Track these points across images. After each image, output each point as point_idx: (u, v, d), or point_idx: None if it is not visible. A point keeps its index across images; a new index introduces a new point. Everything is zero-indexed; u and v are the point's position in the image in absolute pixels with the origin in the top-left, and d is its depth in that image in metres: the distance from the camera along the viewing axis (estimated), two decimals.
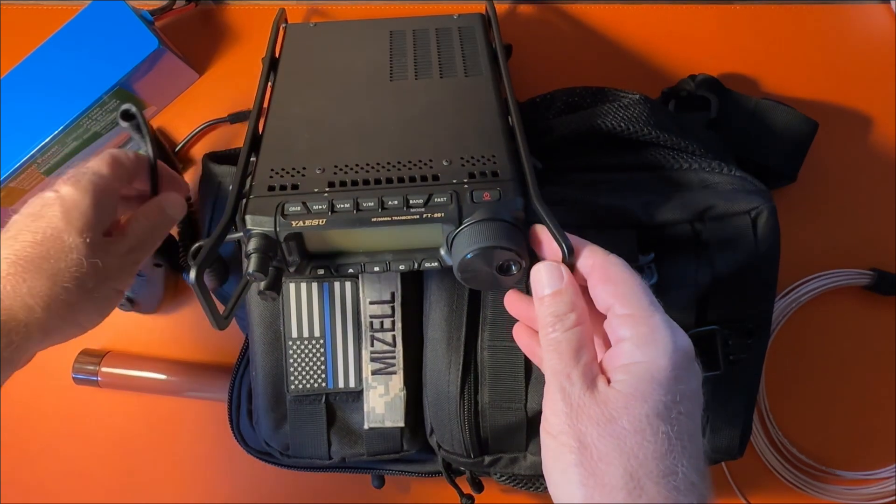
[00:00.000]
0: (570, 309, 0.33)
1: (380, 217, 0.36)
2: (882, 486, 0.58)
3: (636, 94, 0.49)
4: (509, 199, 0.36)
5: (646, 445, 0.30)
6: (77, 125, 0.55)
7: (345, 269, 0.39)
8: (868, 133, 0.60)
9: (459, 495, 0.50)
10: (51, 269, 0.38)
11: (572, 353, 0.32)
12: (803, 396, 0.59)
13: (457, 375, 0.45)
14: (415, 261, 0.39)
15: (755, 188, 0.46)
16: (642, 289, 0.33)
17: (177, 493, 0.59)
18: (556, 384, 0.32)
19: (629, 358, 0.31)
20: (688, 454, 0.30)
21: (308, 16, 0.62)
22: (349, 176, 0.38)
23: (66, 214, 0.39)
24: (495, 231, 0.35)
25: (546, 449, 0.33)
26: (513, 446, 0.47)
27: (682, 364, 0.31)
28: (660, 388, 0.30)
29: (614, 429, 0.30)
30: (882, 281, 0.57)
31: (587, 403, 0.31)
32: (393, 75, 0.47)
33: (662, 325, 0.32)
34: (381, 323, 0.46)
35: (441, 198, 0.36)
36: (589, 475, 0.30)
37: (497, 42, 0.49)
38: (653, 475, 0.29)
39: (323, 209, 0.36)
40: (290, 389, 0.46)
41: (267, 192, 0.37)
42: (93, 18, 0.55)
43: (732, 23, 0.61)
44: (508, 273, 0.36)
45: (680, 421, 0.31)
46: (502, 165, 0.38)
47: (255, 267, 0.35)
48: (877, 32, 0.61)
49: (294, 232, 0.36)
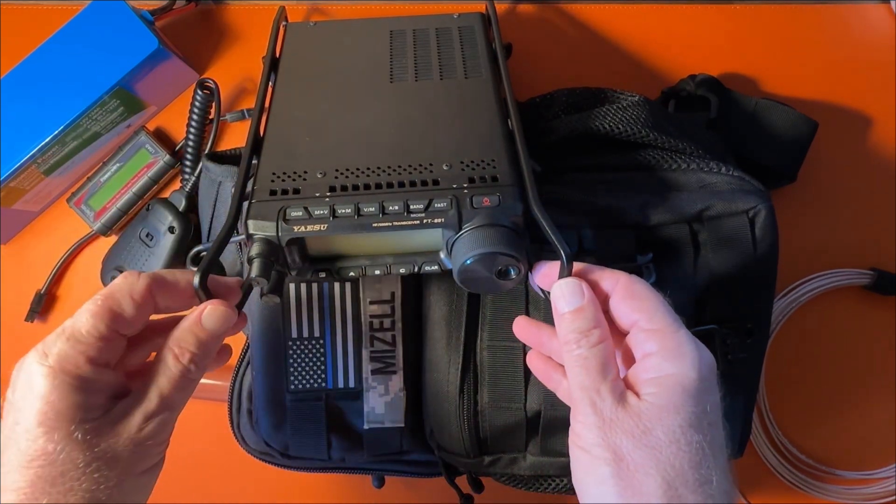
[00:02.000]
0: (594, 325, 0.33)
1: (381, 223, 0.36)
2: (882, 486, 0.57)
3: (636, 96, 0.49)
4: (508, 204, 0.36)
5: (681, 455, 0.30)
6: (77, 125, 0.55)
7: (346, 272, 0.39)
8: (868, 133, 0.60)
9: (459, 495, 0.50)
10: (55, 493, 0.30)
11: (599, 368, 0.32)
12: (803, 396, 0.59)
13: (456, 375, 0.45)
14: (415, 264, 0.39)
15: (753, 188, 0.46)
16: (666, 306, 0.34)
17: (177, 494, 0.59)
18: (586, 399, 0.32)
19: (658, 371, 0.32)
20: (719, 463, 0.31)
21: (308, 14, 0.62)
22: (350, 180, 0.38)
23: (40, 414, 0.31)
24: (495, 237, 0.35)
25: (578, 463, 0.33)
26: (512, 446, 0.47)
27: (708, 376, 0.32)
28: (690, 399, 0.31)
29: (649, 440, 0.30)
30: (882, 281, 0.57)
31: (620, 417, 0.31)
32: (393, 77, 0.47)
33: (688, 340, 0.33)
34: (381, 323, 0.46)
35: (441, 203, 0.36)
36: (626, 486, 0.30)
37: (497, 42, 0.49)
38: (690, 484, 0.30)
39: (324, 214, 0.36)
40: (290, 389, 0.46)
41: (269, 196, 0.37)
42: (93, 18, 0.55)
43: (732, 23, 0.61)
44: (507, 277, 0.36)
45: (711, 431, 0.31)
46: (502, 170, 0.38)
47: (257, 272, 0.35)
48: (877, 32, 0.61)
49: (296, 237, 0.36)
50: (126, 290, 0.33)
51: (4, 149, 0.54)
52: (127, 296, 0.33)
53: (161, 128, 0.61)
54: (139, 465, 0.33)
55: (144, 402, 0.33)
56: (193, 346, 0.34)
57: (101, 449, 0.31)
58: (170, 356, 0.33)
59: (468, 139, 0.41)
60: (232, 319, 0.35)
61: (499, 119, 0.42)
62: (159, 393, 0.33)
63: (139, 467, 0.33)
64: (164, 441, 0.34)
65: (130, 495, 0.33)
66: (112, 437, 0.32)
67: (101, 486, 0.31)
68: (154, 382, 0.33)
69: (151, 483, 0.35)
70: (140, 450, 0.32)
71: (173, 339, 0.34)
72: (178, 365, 0.33)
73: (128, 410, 0.33)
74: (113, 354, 0.33)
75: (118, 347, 0.34)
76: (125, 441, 0.32)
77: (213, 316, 0.34)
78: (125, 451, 0.32)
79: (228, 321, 0.34)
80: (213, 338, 0.34)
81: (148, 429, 0.33)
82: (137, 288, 0.33)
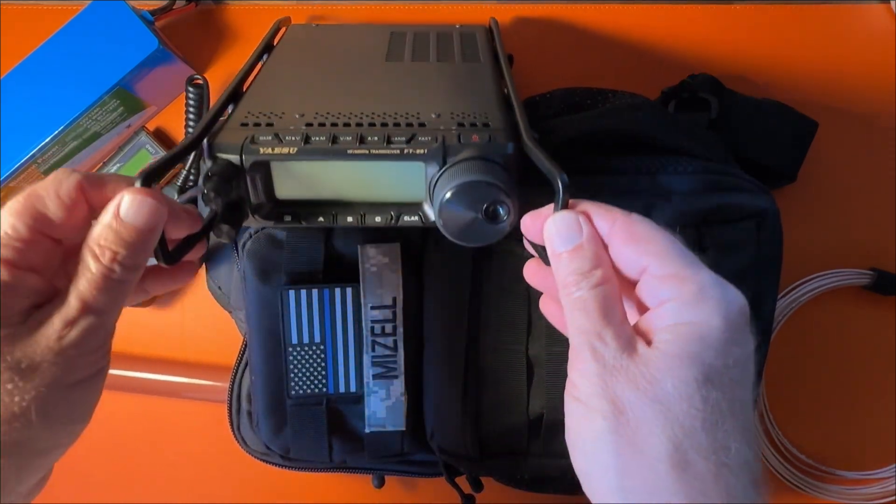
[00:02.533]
0: (595, 264, 0.29)
1: (357, 149, 0.32)
2: (882, 486, 0.58)
3: (636, 96, 0.49)
4: (499, 142, 0.33)
5: (693, 414, 0.26)
6: (77, 125, 0.55)
7: (314, 218, 0.36)
8: (868, 133, 0.60)
9: (460, 495, 0.50)
10: None
11: (601, 310, 0.28)
12: (803, 396, 0.59)
13: (458, 378, 0.45)
14: (392, 214, 0.36)
15: (758, 191, 0.45)
16: (678, 245, 0.29)
17: (177, 494, 0.59)
18: (585, 344, 0.28)
19: (675, 319, 0.27)
20: (740, 428, 0.26)
21: (309, 21, 0.62)
22: (330, 119, 0.35)
23: None
24: (480, 167, 0.31)
25: (572, 416, 0.29)
26: (514, 449, 0.47)
27: (737, 324, 0.27)
28: (711, 350, 0.26)
29: (657, 392, 0.26)
30: (882, 281, 0.57)
31: (624, 364, 0.27)
32: (389, 57, 0.46)
33: (712, 282, 0.28)
34: (383, 328, 0.45)
35: (425, 137, 0.33)
36: (626, 444, 0.26)
37: (500, 50, 0.48)
38: (702, 449, 0.26)
39: (296, 140, 0.33)
40: (291, 395, 0.46)
41: (239, 126, 0.34)
42: (93, 18, 0.55)
43: (732, 23, 0.61)
44: (496, 220, 0.32)
45: (734, 389, 0.27)
46: (493, 117, 0.36)
47: (211, 186, 0.31)
48: (877, 32, 0.61)
49: (260, 160, 0.33)
50: (53, 188, 0.30)
51: (4, 149, 0.54)
52: (53, 194, 0.30)
53: (161, 128, 0.61)
54: (66, 377, 0.29)
55: (64, 307, 0.29)
56: (114, 244, 0.29)
57: (15, 358, 0.28)
58: (88, 255, 0.29)
59: (461, 96, 0.38)
60: (159, 215, 0.30)
61: (494, 85, 0.41)
62: (78, 296, 0.29)
63: (66, 380, 0.29)
64: (93, 351, 0.30)
65: (60, 409, 0.30)
66: (28, 345, 0.28)
67: (14, 398, 0.28)
68: (73, 285, 0.29)
69: (89, 398, 0.32)
70: (63, 360, 0.29)
71: (91, 235, 0.29)
72: (97, 265, 0.29)
73: (46, 316, 0.29)
74: (39, 259, 0.30)
75: (45, 251, 0.30)
76: (44, 350, 0.28)
77: (132, 207, 0.29)
78: (44, 361, 0.28)
79: (154, 215, 0.29)
80: (138, 234, 0.29)
81: (70, 336, 0.29)
82: (66, 186, 0.30)
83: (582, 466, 0.29)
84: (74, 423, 0.31)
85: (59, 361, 0.29)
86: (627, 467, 0.26)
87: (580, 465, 0.29)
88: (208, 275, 0.51)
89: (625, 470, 0.26)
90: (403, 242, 0.44)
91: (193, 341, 0.60)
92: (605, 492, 0.27)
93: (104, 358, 0.32)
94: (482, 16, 0.59)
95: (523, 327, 0.45)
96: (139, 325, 0.60)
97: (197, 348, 0.60)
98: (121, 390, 0.59)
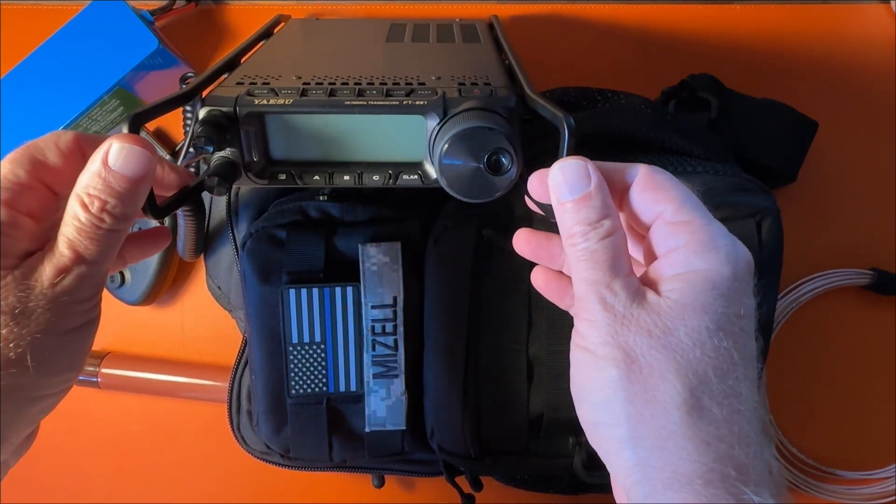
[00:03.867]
0: (604, 214, 0.28)
1: (355, 101, 0.32)
2: (882, 486, 0.57)
3: (635, 96, 0.49)
4: (501, 95, 0.33)
5: (706, 361, 0.26)
6: (77, 125, 0.55)
7: (309, 177, 0.35)
8: (868, 133, 0.60)
9: (460, 494, 0.50)
10: None
11: (610, 262, 0.27)
12: (803, 396, 0.59)
13: (458, 378, 0.45)
14: (391, 173, 0.35)
15: (759, 191, 0.45)
16: (694, 197, 0.29)
17: (177, 494, 0.59)
18: (594, 295, 0.27)
19: (685, 266, 0.27)
20: (749, 377, 0.27)
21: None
22: (328, 80, 0.35)
23: None
24: (481, 115, 0.31)
25: (579, 367, 0.28)
26: (514, 448, 0.47)
27: (744, 275, 0.28)
28: (722, 298, 0.27)
29: (669, 340, 0.26)
30: (882, 281, 0.57)
31: (636, 313, 0.27)
32: (389, 39, 0.47)
33: (722, 233, 0.28)
34: (383, 327, 0.45)
35: (425, 91, 0.33)
36: (638, 392, 0.26)
37: (500, 35, 0.49)
38: (715, 394, 0.26)
39: (292, 93, 0.32)
40: (291, 394, 0.46)
41: (235, 85, 0.34)
42: (93, 18, 0.55)
43: (732, 23, 0.61)
44: (499, 171, 0.31)
45: (743, 338, 0.27)
46: (495, 77, 0.36)
47: (205, 132, 0.31)
48: (877, 32, 0.61)
49: (255, 112, 0.32)
50: (52, 139, 0.31)
51: (4, 149, 0.54)
52: (52, 144, 0.30)
53: (161, 128, 0.61)
54: (59, 324, 0.29)
55: (56, 255, 0.29)
56: (103, 193, 0.29)
57: (9, 303, 0.28)
58: (77, 204, 0.29)
59: (462, 64, 0.38)
60: (149, 163, 0.29)
61: (495, 56, 0.41)
62: (70, 245, 0.29)
63: (60, 327, 0.29)
64: (86, 300, 0.30)
65: (54, 356, 0.30)
66: (21, 290, 0.28)
67: (10, 343, 0.28)
68: (61, 231, 0.29)
69: (82, 345, 0.32)
70: (56, 307, 0.29)
71: (80, 183, 0.29)
72: (86, 214, 0.29)
73: (38, 263, 0.29)
74: (36, 205, 0.30)
75: (43, 199, 0.31)
76: (37, 296, 0.29)
77: (121, 154, 0.29)
78: (38, 307, 0.28)
79: (144, 163, 0.29)
80: (128, 183, 0.29)
81: (63, 284, 0.29)
82: (64, 139, 0.31)
83: (589, 417, 0.29)
84: (67, 370, 0.32)
85: (52, 308, 0.29)
86: (640, 415, 0.26)
87: (587, 416, 0.29)
88: (208, 275, 0.51)
89: (637, 417, 0.26)
90: (404, 242, 0.44)
91: (193, 341, 0.60)
92: (614, 441, 0.27)
93: (96, 308, 0.32)
94: (482, 15, 0.59)
95: (523, 327, 0.45)
96: (139, 325, 0.60)
97: (197, 348, 0.60)
98: (121, 390, 0.59)
